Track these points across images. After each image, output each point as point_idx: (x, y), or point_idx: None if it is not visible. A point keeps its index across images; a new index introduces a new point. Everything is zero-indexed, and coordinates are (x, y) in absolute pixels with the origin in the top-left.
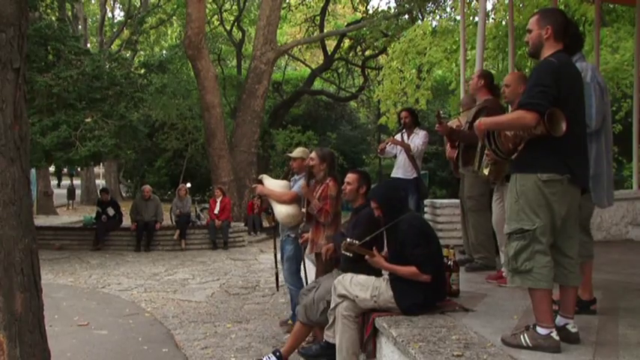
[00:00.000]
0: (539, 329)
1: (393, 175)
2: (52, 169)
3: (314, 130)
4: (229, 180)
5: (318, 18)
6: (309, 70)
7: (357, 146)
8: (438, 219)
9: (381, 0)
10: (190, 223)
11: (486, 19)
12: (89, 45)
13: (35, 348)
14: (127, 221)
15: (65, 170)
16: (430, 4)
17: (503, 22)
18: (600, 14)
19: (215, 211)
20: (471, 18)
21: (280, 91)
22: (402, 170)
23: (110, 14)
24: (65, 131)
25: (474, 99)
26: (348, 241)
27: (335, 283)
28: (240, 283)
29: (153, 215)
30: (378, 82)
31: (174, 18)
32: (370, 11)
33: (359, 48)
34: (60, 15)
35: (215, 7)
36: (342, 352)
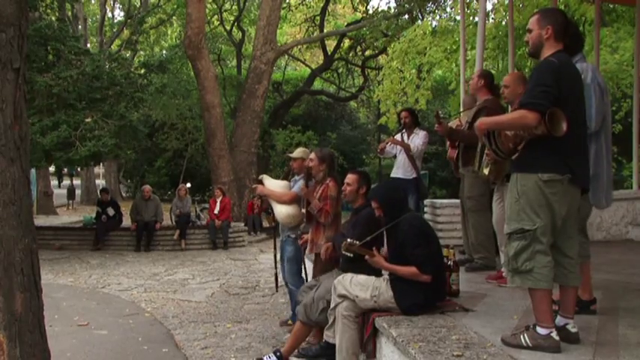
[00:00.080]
0: (539, 329)
1: (392, 175)
2: (52, 169)
3: (314, 130)
4: (229, 180)
5: (318, 18)
6: (309, 70)
7: (357, 146)
8: (438, 219)
9: (381, 0)
10: (190, 223)
11: (486, 19)
12: (89, 45)
13: (35, 348)
14: (127, 221)
15: (65, 170)
16: (430, 4)
17: (503, 22)
18: (600, 14)
19: (215, 211)
20: (471, 18)
21: (280, 91)
22: (402, 170)
23: (110, 14)
24: (65, 131)
25: (474, 99)
26: (348, 242)
27: (335, 283)
28: (240, 283)
29: (153, 215)
30: (378, 82)
31: (174, 18)
32: (370, 11)
33: (359, 48)
34: (60, 15)
35: (215, 7)
36: (342, 352)
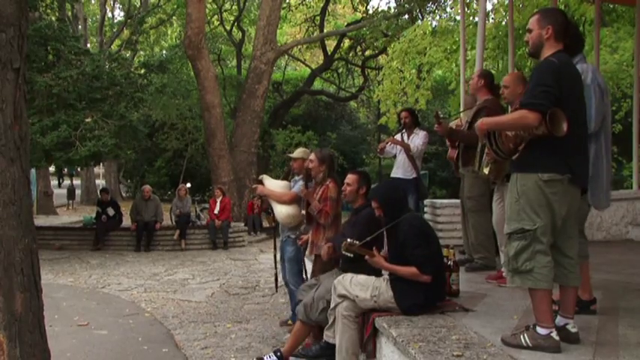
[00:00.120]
0: (539, 329)
1: (392, 175)
2: (53, 169)
3: (314, 130)
4: (229, 180)
5: (318, 18)
6: (309, 70)
7: (357, 146)
8: (438, 219)
9: (381, 0)
10: (190, 223)
11: (486, 19)
12: (89, 45)
13: (35, 348)
14: (127, 221)
15: (65, 170)
16: (430, 4)
17: (503, 22)
18: (600, 14)
19: (215, 211)
20: (471, 18)
21: (280, 91)
22: (402, 170)
23: (110, 14)
24: (65, 131)
25: (475, 99)
26: (348, 242)
27: (335, 283)
28: (240, 283)
29: (153, 215)
30: (378, 82)
31: (174, 18)
32: (370, 11)
33: (359, 48)
34: (60, 15)
35: (215, 7)
36: (342, 353)
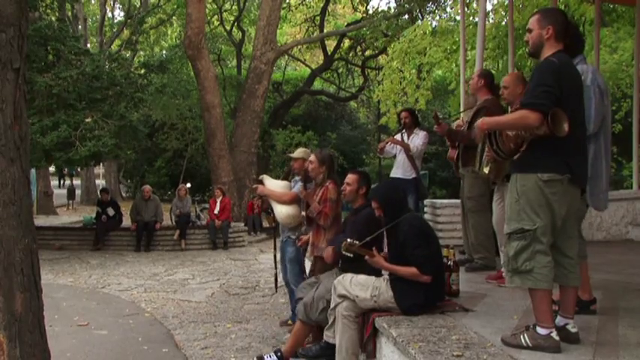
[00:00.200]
0: (539, 329)
1: (392, 175)
2: (53, 169)
3: (314, 130)
4: (229, 180)
5: (318, 18)
6: (309, 70)
7: (357, 146)
8: (438, 219)
9: (381, 0)
10: (190, 223)
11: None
12: (89, 45)
13: (35, 348)
14: (127, 221)
15: (65, 170)
16: (430, 4)
17: (503, 22)
18: (600, 14)
19: (215, 211)
20: (471, 18)
21: (280, 91)
22: (402, 170)
23: (110, 14)
24: (65, 131)
25: (476, 99)
26: (348, 242)
27: (335, 283)
28: (240, 283)
29: (153, 215)
30: (378, 82)
31: (174, 18)
32: (370, 11)
33: (359, 48)
34: (60, 15)
35: (215, 7)
36: (342, 353)
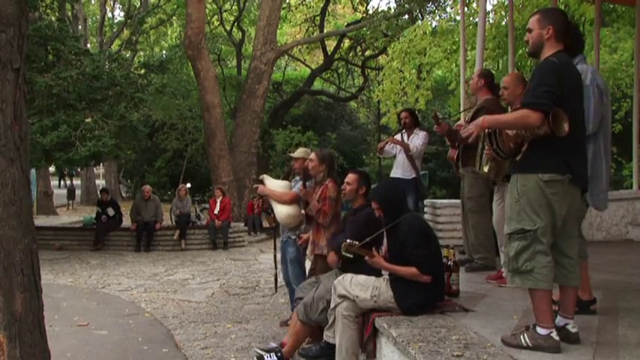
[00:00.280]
0: (539, 329)
1: (392, 175)
2: (53, 169)
3: (314, 130)
4: (229, 180)
5: (318, 18)
6: (309, 70)
7: (357, 146)
8: (438, 219)
9: (381, 0)
10: (190, 223)
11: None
12: (89, 45)
13: (35, 348)
14: (127, 221)
15: (65, 170)
16: (430, 4)
17: (503, 22)
18: (600, 14)
19: (215, 212)
20: (471, 18)
21: (280, 91)
22: (401, 170)
23: (110, 14)
24: (65, 131)
25: (477, 100)
26: (347, 242)
27: (335, 283)
28: (240, 283)
29: (153, 215)
30: (378, 82)
31: (174, 18)
32: (370, 11)
33: (359, 48)
34: (60, 15)
35: (215, 7)
36: (342, 353)
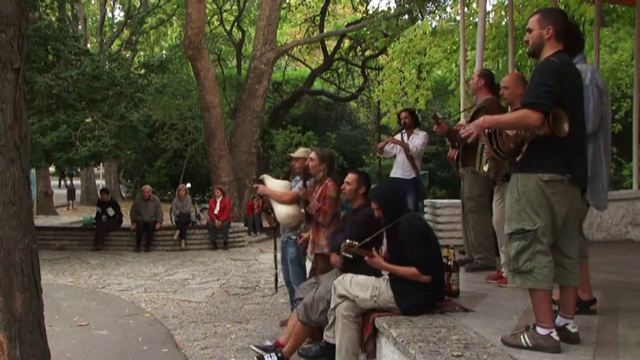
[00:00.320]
0: (539, 329)
1: (391, 175)
2: (53, 169)
3: (314, 131)
4: (229, 180)
5: (318, 18)
6: (309, 70)
7: (357, 146)
8: (438, 219)
9: (381, 0)
10: (190, 223)
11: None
12: (89, 45)
13: (35, 348)
14: (127, 221)
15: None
16: (430, 4)
17: (503, 22)
18: (600, 14)
19: (215, 212)
20: (471, 18)
21: (280, 91)
22: (401, 170)
23: (110, 14)
24: (65, 131)
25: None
26: (347, 243)
27: (335, 283)
28: (240, 283)
29: (153, 215)
30: (378, 82)
31: (174, 18)
32: (370, 11)
33: (359, 48)
34: (60, 15)
35: (215, 7)
36: (342, 353)
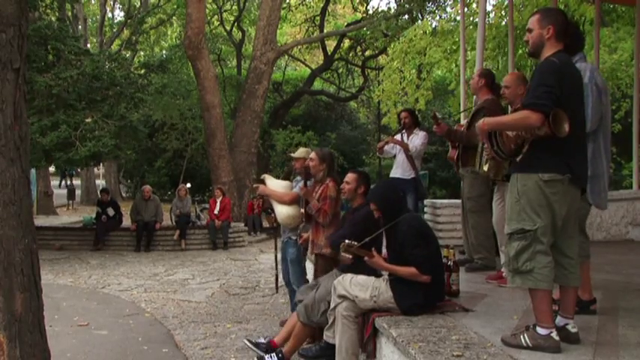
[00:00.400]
0: (539, 329)
1: (391, 175)
2: (53, 169)
3: (314, 130)
4: (229, 180)
5: (318, 18)
6: (309, 70)
7: (357, 146)
8: (438, 219)
9: (381, 0)
10: (190, 223)
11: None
12: (89, 45)
13: (35, 348)
14: (127, 221)
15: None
16: (430, 4)
17: (503, 22)
18: (600, 14)
19: (215, 212)
20: (471, 18)
21: (280, 91)
22: (401, 170)
23: (110, 14)
24: (65, 131)
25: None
26: (346, 243)
27: (335, 283)
28: (240, 283)
29: (153, 215)
30: (378, 82)
31: (174, 18)
32: (370, 11)
33: (359, 48)
34: (60, 15)
35: (215, 7)
36: (342, 353)
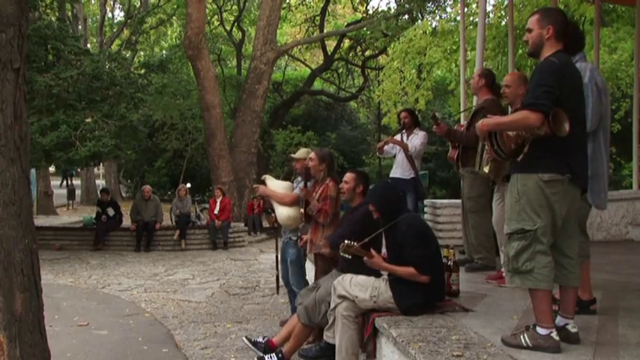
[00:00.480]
0: (539, 329)
1: (391, 175)
2: (53, 169)
3: (314, 131)
4: (229, 180)
5: (318, 18)
6: (309, 70)
7: (357, 146)
8: (438, 219)
9: (381, 0)
10: (190, 223)
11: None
12: (89, 45)
13: (35, 348)
14: (127, 221)
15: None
16: (430, 4)
17: (503, 22)
18: (600, 14)
19: (215, 212)
20: (471, 18)
21: (280, 91)
22: (401, 170)
23: (110, 14)
24: (65, 131)
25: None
26: (346, 243)
27: (334, 283)
28: (240, 283)
29: (153, 215)
30: (378, 82)
31: (174, 18)
32: (370, 11)
33: (359, 48)
34: (60, 15)
35: (215, 7)
36: (342, 353)
